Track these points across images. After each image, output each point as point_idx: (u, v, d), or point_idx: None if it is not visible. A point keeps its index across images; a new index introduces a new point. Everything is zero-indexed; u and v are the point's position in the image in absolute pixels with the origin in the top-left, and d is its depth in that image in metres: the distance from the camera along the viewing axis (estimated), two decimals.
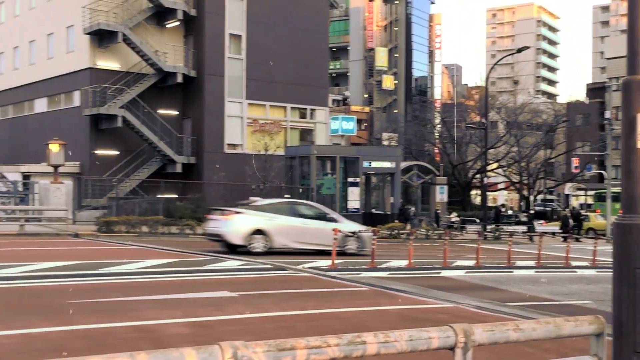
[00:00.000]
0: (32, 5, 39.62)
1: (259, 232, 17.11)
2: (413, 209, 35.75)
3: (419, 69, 77.66)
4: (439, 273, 15.40)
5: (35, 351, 6.40)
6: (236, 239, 17.12)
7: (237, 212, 17.47)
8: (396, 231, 28.37)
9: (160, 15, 34.59)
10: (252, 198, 20.07)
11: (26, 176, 32.39)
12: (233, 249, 17.35)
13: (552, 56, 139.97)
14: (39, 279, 11.42)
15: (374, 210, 34.66)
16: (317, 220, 18.22)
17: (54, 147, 27.37)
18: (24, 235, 21.45)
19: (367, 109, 69.37)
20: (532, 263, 18.80)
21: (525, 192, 58.51)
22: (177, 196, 31.40)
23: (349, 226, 18.84)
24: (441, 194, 39.96)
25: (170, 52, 34.57)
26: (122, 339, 7.10)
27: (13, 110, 41.77)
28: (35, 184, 28.95)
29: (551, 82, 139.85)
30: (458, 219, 38.04)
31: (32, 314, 8.39)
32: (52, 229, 23.37)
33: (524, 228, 36.74)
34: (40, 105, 38.91)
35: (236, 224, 17.08)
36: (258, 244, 17.12)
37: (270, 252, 17.07)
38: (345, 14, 72.12)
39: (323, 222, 18.13)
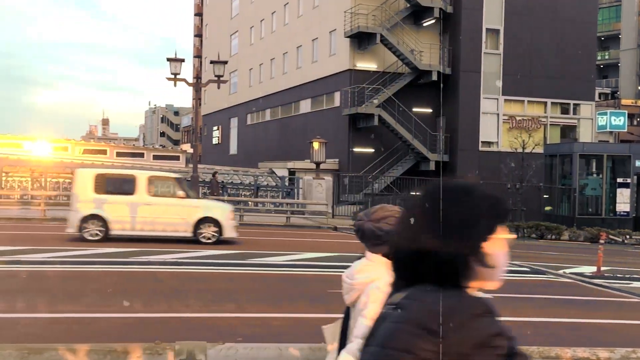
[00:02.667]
0: (299, 13, 42.86)
1: None
2: None
3: None
4: None
5: (301, 333, 6.89)
6: None
7: None
8: None
9: (416, 14, 35.08)
10: None
11: (292, 172, 35.06)
12: None
13: None
14: (303, 268, 12.30)
15: None
16: None
17: (316, 145, 29.35)
18: (290, 226, 23.30)
19: None
20: None
21: None
22: None
23: None
24: None
25: (425, 51, 34.87)
26: None
27: (282, 111, 45.61)
28: (299, 179, 31.19)
29: None
30: None
31: (297, 300, 9.06)
32: (313, 222, 25.08)
33: None
34: (305, 106, 41.92)
35: None
36: None
37: None
38: (616, 0, 66.16)
39: None
